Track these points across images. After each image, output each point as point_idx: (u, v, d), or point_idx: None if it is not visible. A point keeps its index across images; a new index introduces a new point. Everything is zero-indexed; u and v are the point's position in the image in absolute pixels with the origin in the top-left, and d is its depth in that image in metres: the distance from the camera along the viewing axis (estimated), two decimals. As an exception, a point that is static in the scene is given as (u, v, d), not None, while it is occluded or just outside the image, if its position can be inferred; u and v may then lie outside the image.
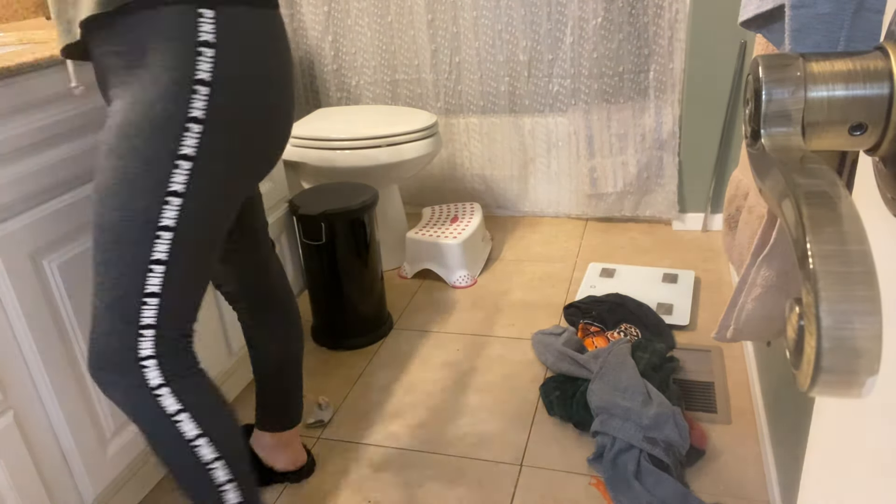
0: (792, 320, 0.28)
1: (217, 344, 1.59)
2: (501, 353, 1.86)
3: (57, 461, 1.20)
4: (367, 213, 1.85)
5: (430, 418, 1.64)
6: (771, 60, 0.33)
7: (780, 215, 0.30)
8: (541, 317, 2.01)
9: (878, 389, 0.38)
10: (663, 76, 2.29)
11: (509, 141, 2.55)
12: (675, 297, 2.01)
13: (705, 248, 2.32)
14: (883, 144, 0.33)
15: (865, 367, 0.25)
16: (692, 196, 2.42)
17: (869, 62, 0.32)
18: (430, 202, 2.78)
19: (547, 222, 2.63)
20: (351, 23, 2.53)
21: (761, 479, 1.37)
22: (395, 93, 2.62)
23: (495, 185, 2.65)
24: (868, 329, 0.24)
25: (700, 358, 1.76)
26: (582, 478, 1.42)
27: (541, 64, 2.42)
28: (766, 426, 1.43)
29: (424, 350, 1.91)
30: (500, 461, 1.48)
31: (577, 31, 2.30)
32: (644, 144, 2.39)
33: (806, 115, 0.33)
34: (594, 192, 2.51)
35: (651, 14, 2.23)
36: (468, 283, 2.22)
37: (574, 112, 2.41)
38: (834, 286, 0.25)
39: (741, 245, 0.90)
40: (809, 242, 0.26)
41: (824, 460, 0.48)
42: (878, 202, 0.37)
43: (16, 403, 1.12)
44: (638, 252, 2.33)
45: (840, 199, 0.27)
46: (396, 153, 2.09)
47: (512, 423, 1.59)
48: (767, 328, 0.85)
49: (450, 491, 1.42)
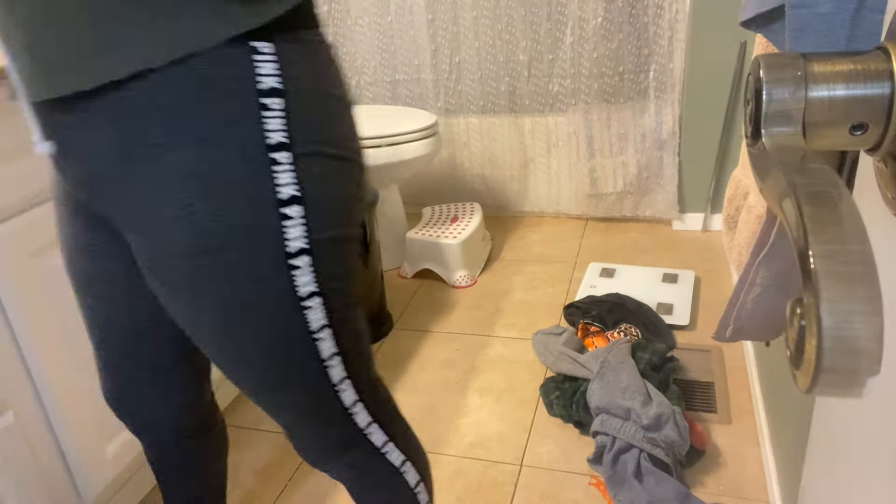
0: (792, 320, 0.27)
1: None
2: (501, 353, 1.86)
3: (57, 461, 1.19)
4: (367, 213, 1.85)
5: (430, 418, 1.64)
6: (771, 60, 0.33)
7: (780, 215, 0.29)
8: (541, 317, 2.01)
9: (879, 389, 0.38)
10: (663, 76, 2.29)
11: (509, 141, 2.55)
12: (675, 297, 2.01)
13: (705, 248, 2.32)
14: (883, 144, 0.33)
15: (866, 367, 0.25)
16: (692, 196, 2.42)
17: (870, 62, 0.32)
18: (430, 202, 2.78)
19: (547, 222, 2.63)
20: (351, 23, 2.53)
21: (761, 479, 1.37)
22: (395, 93, 2.62)
23: (495, 185, 2.65)
24: (869, 329, 0.24)
25: (700, 358, 1.75)
26: (582, 478, 1.42)
27: (541, 64, 2.42)
28: (766, 426, 1.43)
29: (424, 350, 1.91)
30: (500, 461, 1.48)
31: (577, 31, 2.30)
32: (644, 144, 2.39)
33: (806, 114, 0.33)
34: (594, 192, 2.51)
35: (651, 14, 2.23)
36: (468, 283, 2.22)
37: (574, 112, 2.41)
38: (835, 286, 0.25)
39: (741, 245, 0.90)
40: (810, 242, 0.26)
41: (824, 460, 0.48)
42: (878, 202, 0.37)
43: (16, 403, 1.11)
44: (638, 252, 2.33)
45: (840, 198, 0.27)
46: (396, 153, 2.09)
47: (512, 423, 1.59)
48: (767, 328, 0.85)
49: (450, 491, 1.42)
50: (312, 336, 0.75)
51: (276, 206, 0.64)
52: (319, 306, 0.73)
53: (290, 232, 0.66)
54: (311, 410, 0.81)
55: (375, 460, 0.88)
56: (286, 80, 0.63)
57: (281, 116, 0.63)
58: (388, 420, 0.89)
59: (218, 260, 0.65)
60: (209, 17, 0.59)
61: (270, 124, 0.62)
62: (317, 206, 0.68)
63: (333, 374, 0.80)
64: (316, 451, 0.86)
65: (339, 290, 0.76)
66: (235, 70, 0.60)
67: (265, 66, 0.61)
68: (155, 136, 0.61)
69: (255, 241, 0.65)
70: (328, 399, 0.81)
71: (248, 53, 0.61)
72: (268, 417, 1.68)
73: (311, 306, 0.72)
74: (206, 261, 0.65)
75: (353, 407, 0.84)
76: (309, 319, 0.73)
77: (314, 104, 0.66)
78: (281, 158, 0.63)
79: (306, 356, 0.76)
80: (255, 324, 0.70)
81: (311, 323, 0.73)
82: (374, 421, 0.86)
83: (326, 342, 0.77)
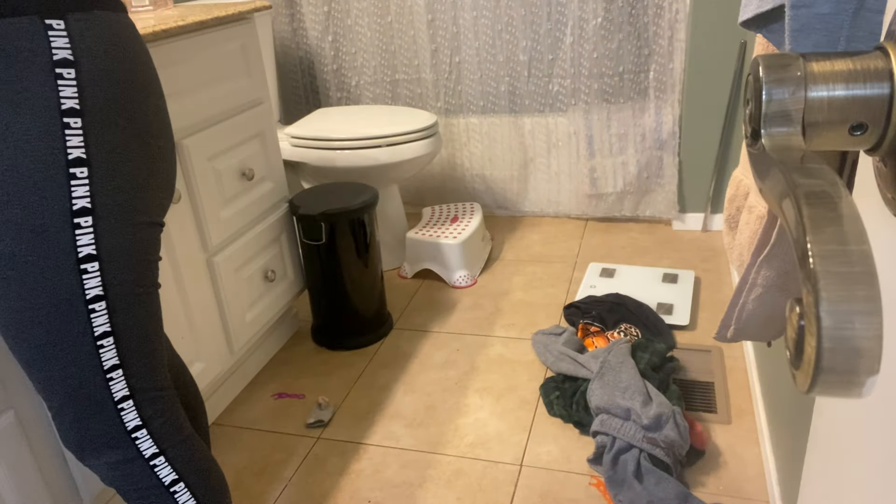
0: (792, 320, 0.27)
1: (218, 344, 1.59)
2: (501, 353, 1.86)
3: (57, 461, 1.19)
4: (367, 213, 1.85)
5: (430, 418, 1.64)
6: (771, 60, 0.33)
7: (780, 215, 0.30)
8: (541, 317, 2.01)
9: (879, 389, 0.38)
10: (663, 76, 2.29)
11: (509, 141, 2.55)
12: (675, 297, 2.01)
13: (705, 248, 2.32)
14: (883, 144, 0.33)
15: (866, 367, 0.25)
16: (692, 196, 2.42)
17: (869, 62, 0.32)
18: (430, 202, 2.78)
19: (547, 222, 2.63)
20: (351, 23, 2.53)
21: (761, 479, 1.37)
22: (395, 93, 2.62)
23: (495, 185, 2.65)
24: (868, 329, 0.24)
25: (700, 358, 1.75)
26: (582, 478, 1.42)
27: (541, 64, 2.42)
28: (766, 426, 1.43)
29: (424, 350, 1.91)
30: (500, 461, 1.48)
31: (577, 31, 2.30)
32: (644, 144, 2.39)
33: (806, 114, 0.33)
34: (594, 192, 2.51)
35: (651, 14, 2.23)
36: (468, 283, 2.22)
37: (574, 112, 2.41)
38: (834, 286, 0.25)
39: (741, 245, 0.90)
40: (810, 242, 0.26)
41: (824, 460, 0.48)
42: (878, 202, 0.37)
43: (16, 403, 1.12)
44: (638, 252, 2.33)
45: (840, 198, 0.27)
46: (396, 153, 2.09)
47: (512, 423, 1.59)
48: (768, 328, 0.85)
49: (450, 491, 1.42)
50: (87, 306, 0.75)
51: (66, 164, 0.71)
52: (96, 273, 0.74)
53: (76, 191, 0.72)
54: (76, 395, 0.79)
55: (140, 470, 0.85)
56: (77, 53, 0.71)
57: (72, 85, 0.71)
58: (165, 432, 0.86)
59: (2, 214, 0.70)
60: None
61: (64, 91, 0.70)
62: (103, 170, 0.74)
63: (105, 357, 0.78)
64: (77, 441, 0.83)
65: (121, 262, 0.76)
66: (32, 43, 0.69)
67: (59, 40, 0.70)
68: None
69: (40, 189, 0.70)
70: (94, 386, 0.79)
71: (44, 29, 0.70)
72: (267, 417, 1.68)
73: (88, 270, 0.74)
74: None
75: (123, 403, 0.82)
76: (85, 285, 0.74)
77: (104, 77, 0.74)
78: (71, 122, 0.71)
79: (79, 328, 0.75)
80: (32, 281, 0.72)
81: (86, 290, 0.74)
82: (144, 426, 0.84)
83: (100, 317, 0.76)
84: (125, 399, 0.82)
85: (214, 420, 1.69)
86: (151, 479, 0.86)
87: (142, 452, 0.85)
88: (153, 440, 0.85)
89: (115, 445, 0.84)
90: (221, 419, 1.69)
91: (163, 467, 0.86)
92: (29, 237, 0.70)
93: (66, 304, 0.74)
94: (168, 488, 0.87)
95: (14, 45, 0.68)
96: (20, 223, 0.70)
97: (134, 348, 0.81)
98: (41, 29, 0.69)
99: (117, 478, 0.86)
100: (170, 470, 0.87)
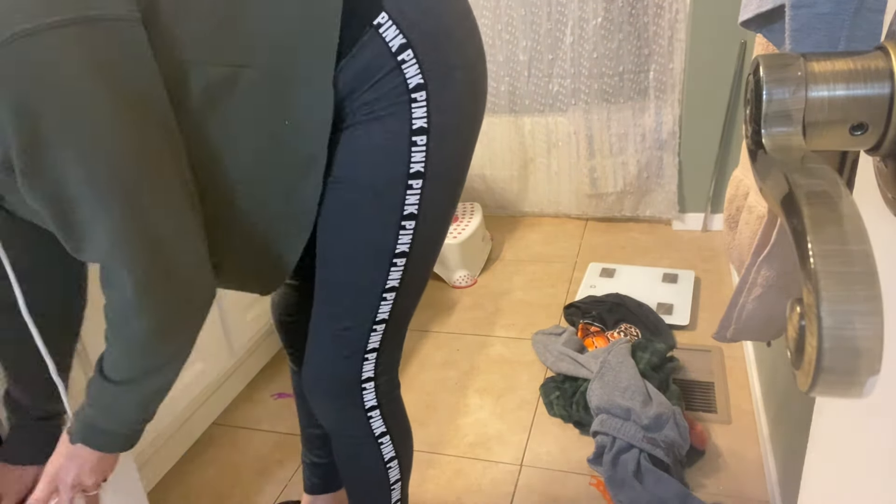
0: (793, 320, 0.27)
1: (218, 344, 1.59)
2: (501, 353, 1.86)
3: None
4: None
5: (430, 418, 1.64)
6: (771, 60, 0.33)
7: (780, 215, 0.29)
8: (541, 317, 2.01)
9: (879, 389, 0.38)
10: (663, 76, 2.29)
11: (509, 141, 2.55)
12: (675, 297, 2.01)
13: (705, 248, 2.32)
14: (884, 144, 0.33)
15: (866, 366, 0.25)
16: (692, 196, 2.42)
17: (870, 62, 0.32)
18: (430, 202, 2.78)
19: (547, 222, 2.63)
20: (351, 23, 2.53)
21: (761, 479, 1.37)
22: (395, 93, 2.62)
23: (495, 185, 2.65)
24: (869, 329, 0.24)
25: (700, 358, 1.75)
26: (582, 478, 1.42)
27: (541, 64, 2.42)
28: (766, 426, 1.43)
29: (424, 350, 1.91)
30: (500, 461, 1.48)
31: (577, 31, 2.30)
32: (644, 144, 2.39)
33: (806, 114, 0.33)
34: (594, 192, 2.51)
35: (651, 14, 2.23)
36: (468, 283, 2.22)
37: (574, 112, 2.41)
38: (835, 286, 0.25)
39: (741, 245, 0.90)
40: (810, 242, 0.26)
41: (824, 460, 0.48)
42: (878, 202, 0.37)
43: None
44: (638, 252, 2.33)
45: (841, 198, 0.27)
46: (396, 153, 2.08)
47: (512, 423, 1.59)
48: (768, 328, 0.85)
49: (450, 491, 1.42)
50: (392, 259, 0.82)
51: (410, 133, 0.78)
52: (409, 233, 0.82)
53: (415, 157, 0.79)
54: (341, 334, 0.86)
55: (359, 419, 0.93)
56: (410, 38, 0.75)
57: (415, 67, 0.75)
58: (385, 389, 0.94)
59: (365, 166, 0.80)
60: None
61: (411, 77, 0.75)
62: (440, 135, 0.80)
63: (382, 309, 0.85)
64: (329, 379, 0.90)
65: (430, 226, 0.83)
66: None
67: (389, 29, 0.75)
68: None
69: (388, 155, 0.79)
70: (363, 328, 0.86)
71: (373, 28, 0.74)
72: (268, 417, 1.68)
73: (406, 227, 0.81)
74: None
75: (368, 355, 0.89)
76: (400, 240, 0.81)
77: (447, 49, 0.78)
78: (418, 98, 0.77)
79: (378, 275, 0.83)
80: (367, 225, 0.81)
81: (398, 245, 0.81)
82: (373, 380, 0.91)
83: (395, 273, 0.83)
84: (373, 351, 0.89)
85: (214, 420, 1.69)
86: (366, 429, 0.94)
87: (364, 403, 0.92)
88: (375, 394, 0.93)
89: (345, 392, 0.91)
90: (221, 419, 1.69)
91: (377, 419, 0.94)
92: (370, 192, 0.79)
93: (380, 252, 0.82)
94: (377, 438, 0.95)
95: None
96: (368, 182, 0.79)
97: (401, 310, 0.87)
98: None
99: (339, 424, 0.94)
100: (381, 423, 0.95)
